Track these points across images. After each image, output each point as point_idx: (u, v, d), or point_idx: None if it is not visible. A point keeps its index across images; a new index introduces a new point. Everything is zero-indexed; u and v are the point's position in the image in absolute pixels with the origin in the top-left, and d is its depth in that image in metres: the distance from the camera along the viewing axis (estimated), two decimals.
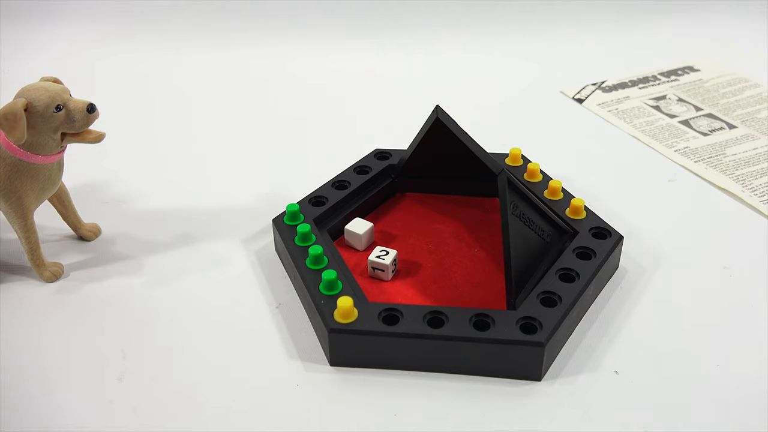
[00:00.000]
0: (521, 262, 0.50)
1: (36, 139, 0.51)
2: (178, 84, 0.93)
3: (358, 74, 0.95)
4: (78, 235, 0.62)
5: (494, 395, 0.46)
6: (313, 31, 1.02)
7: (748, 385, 0.47)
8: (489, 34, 1.02)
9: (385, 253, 0.55)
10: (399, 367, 0.48)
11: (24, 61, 0.98)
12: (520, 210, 0.51)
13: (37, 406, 0.46)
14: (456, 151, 0.57)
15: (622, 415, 0.45)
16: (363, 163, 0.65)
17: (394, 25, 1.02)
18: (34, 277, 0.57)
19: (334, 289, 0.50)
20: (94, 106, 0.52)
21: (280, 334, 0.52)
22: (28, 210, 0.54)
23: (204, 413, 0.45)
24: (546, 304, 0.49)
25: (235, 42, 1.00)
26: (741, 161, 0.72)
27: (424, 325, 0.47)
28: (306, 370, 0.48)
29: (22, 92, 0.51)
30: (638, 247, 0.60)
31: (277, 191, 0.69)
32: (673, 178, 0.71)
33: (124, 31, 1.02)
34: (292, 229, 0.57)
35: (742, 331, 0.51)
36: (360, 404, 0.46)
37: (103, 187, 0.70)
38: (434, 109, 0.56)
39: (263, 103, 0.88)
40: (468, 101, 0.87)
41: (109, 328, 0.52)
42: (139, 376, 0.48)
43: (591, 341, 0.50)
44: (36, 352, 0.50)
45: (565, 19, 1.03)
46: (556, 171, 0.66)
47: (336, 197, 0.61)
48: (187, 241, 0.62)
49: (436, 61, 0.97)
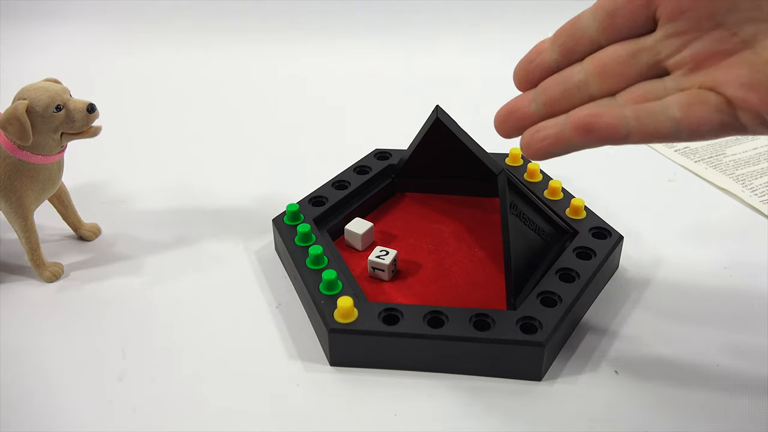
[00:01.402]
0: (521, 262, 0.50)
1: (36, 139, 0.51)
2: (178, 84, 0.93)
3: (358, 74, 0.95)
4: (78, 235, 0.62)
5: (494, 395, 0.46)
6: (313, 31, 1.02)
7: (748, 385, 0.47)
8: (489, 34, 1.02)
9: (385, 253, 0.55)
10: (399, 367, 0.48)
11: (24, 61, 0.98)
12: (520, 210, 0.51)
13: (37, 406, 0.46)
14: (456, 151, 0.57)
15: (622, 414, 0.45)
16: (363, 163, 0.65)
17: (394, 25, 1.02)
18: (34, 277, 0.57)
19: (334, 289, 0.50)
20: (94, 106, 0.52)
21: (280, 334, 0.52)
22: (28, 210, 0.54)
23: (204, 413, 0.45)
24: (546, 304, 0.49)
25: (235, 42, 1.01)
26: (741, 161, 0.72)
27: (424, 325, 0.47)
28: (306, 370, 0.48)
29: (22, 92, 0.51)
30: (638, 247, 0.60)
31: (277, 191, 0.69)
32: (673, 178, 0.71)
33: (124, 31, 1.03)
34: (292, 229, 0.57)
35: (742, 331, 0.51)
36: (360, 404, 0.46)
37: (103, 187, 0.70)
38: (434, 109, 0.56)
39: (263, 103, 0.88)
40: (468, 101, 0.87)
41: (109, 328, 0.52)
42: (139, 376, 0.48)
43: (591, 341, 0.50)
44: (36, 352, 0.50)
45: (565, 19, 1.03)
46: (556, 171, 0.66)
47: (336, 197, 0.61)
48: (187, 241, 0.62)
49: (436, 60, 0.97)
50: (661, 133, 0.35)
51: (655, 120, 0.35)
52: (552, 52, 0.41)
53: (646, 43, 0.38)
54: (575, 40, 0.40)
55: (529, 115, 0.40)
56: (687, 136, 0.35)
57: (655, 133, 0.35)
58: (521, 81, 0.42)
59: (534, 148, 0.39)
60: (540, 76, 0.41)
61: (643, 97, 0.37)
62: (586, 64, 0.39)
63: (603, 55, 0.39)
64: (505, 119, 0.41)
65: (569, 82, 0.39)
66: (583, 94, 0.39)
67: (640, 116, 0.35)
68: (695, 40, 0.36)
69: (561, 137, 0.38)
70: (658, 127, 0.35)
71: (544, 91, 0.40)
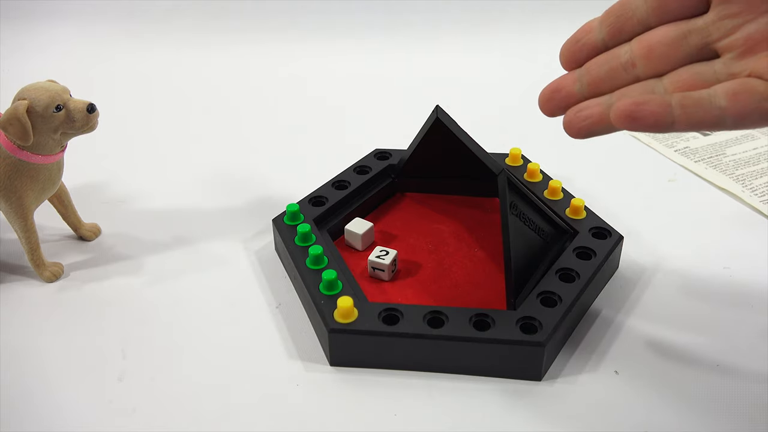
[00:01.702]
0: (521, 262, 0.50)
1: (36, 139, 0.51)
2: (178, 84, 0.93)
3: (358, 74, 0.95)
4: (78, 235, 0.62)
5: (494, 395, 0.46)
6: (313, 31, 1.02)
7: (748, 385, 0.47)
8: (489, 34, 1.02)
9: (385, 253, 0.55)
10: (399, 367, 0.48)
11: (24, 61, 0.98)
12: (520, 210, 0.51)
13: (37, 406, 0.46)
14: (456, 151, 0.57)
15: (622, 414, 0.45)
16: (363, 163, 0.65)
17: (394, 25, 1.02)
18: (34, 277, 0.57)
19: (334, 289, 0.50)
20: (94, 105, 0.52)
21: (280, 334, 0.52)
22: (28, 210, 0.54)
23: (204, 413, 0.45)
24: (546, 304, 0.49)
25: (235, 42, 1.01)
26: (741, 161, 0.72)
27: (424, 325, 0.47)
28: (306, 370, 0.48)
29: (22, 92, 0.51)
30: (638, 247, 0.60)
31: (277, 191, 0.69)
32: (673, 178, 0.71)
33: (124, 31, 1.03)
34: (292, 229, 0.57)
35: (742, 331, 0.51)
36: (360, 404, 0.46)
37: (103, 187, 0.70)
38: (434, 109, 0.56)
39: (263, 103, 0.88)
40: (468, 101, 0.87)
41: (109, 328, 0.52)
42: (139, 376, 0.48)
43: (591, 341, 0.50)
44: (36, 352, 0.50)
45: (565, 18, 1.03)
46: (556, 171, 0.66)
47: (336, 197, 0.61)
48: (187, 241, 0.62)
49: (436, 61, 0.97)
50: (707, 122, 0.35)
51: (701, 109, 0.35)
52: (600, 31, 0.40)
53: (696, 25, 0.37)
54: (624, 20, 0.39)
55: (573, 94, 0.40)
56: (732, 125, 0.35)
57: (700, 121, 0.35)
58: (567, 60, 0.42)
59: (576, 127, 0.39)
60: (586, 56, 0.41)
61: (690, 80, 0.37)
62: (633, 44, 0.39)
63: (651, 37, 0.39)
64: (550, 98, 0.41)
65: (615, 63, 0.39)
66: (629, 75, 0.39)
67: (685, 105, 0.35)
68: (748, 22, 0.36)
69: (603, 118, 0.37)
70: (704, 116, 0.35)
71: (589, 71, 0.40)
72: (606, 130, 0.38)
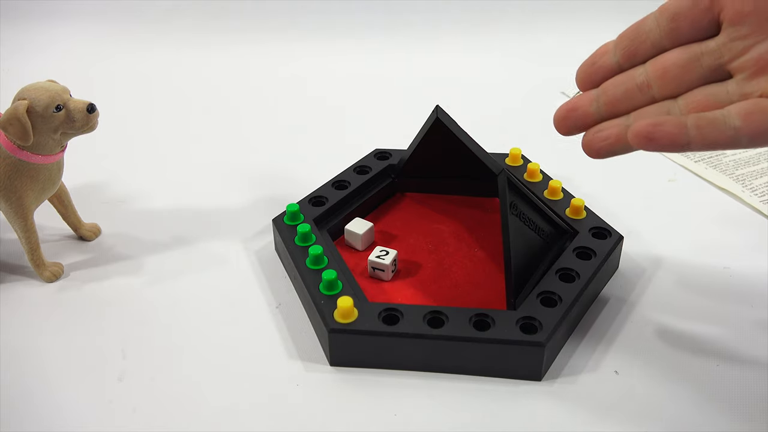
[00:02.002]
0: (521, 262, 0.50)
1: (36, 139, 0.51)
2: (178, 84, 0.93)
3: (358, 74, 0.95)
4: (78, 235, 0.62)
5: (494, 395, 0.46)
6: (313, 31, 1.02)
7: (748, 385, 0.47)
8: (489, 34, 1.02)
9: (385, 253, 0.55)
10: (399, 367, 0.48)
11: (24, 61, 0.98)
12: (520, 210, 0.51)
13: (37, 406, 0.46)
14: (456, 151, 0.57)
15: (622, 415, 0.45)
16: (363, 163, 0.65)
17: (394, 25, 1.02)
18: (34, 277, 0.57)
19: (334, 289, 0.50)
20: (94, 105, 0.52)
21: (280, 334, 0.52)
22: (28, 210, 0.54)
23: (204, 413, 0.45)
24: (546, 304, 0.49)
25: (235, 42, 1.01)
26: (741, 161, 0.72)
27: (424, 325, 0.47)
28: (306, 370, 0.48)
29: (22, 92, 0.51)
30: (638, 247, 0.60)
31: (277, 191, 0.69)
32: (673, 178, 0.71)
33: (124, 31, 1.03)
34: (292, 229, 0.57)
35: (742, 331, 0.51)
36: (360, 404, 0.46)
37: (103, 187, 0.70)
38: (434, 109, 0.56)
39: (263, 103, 0.88)
40: (468, 101, 0.87)
41: (109, 328, 0.52)
42: (139, 376, 0.48)
43: (591, 341, 0.50)
44: (36, 352, 0.50)
45: (565, 18, 1.03)
46: (556, 171, 0.66)
47: (336, 197, 0.61)
48: (187, 241, 0.62)
49: (436, 61, 0.97)
50: (722, 142, 0.36)
51: (715, 129, 0.36)
52: (615, 54, 0.41)
53: (708, 47, 0.38)
54: (638, 43, 0.40)
55: (589, 114, 0.41)
56: (747, 144, 0.36)
57: (715, 141, 0.36)
58: (583, 81, 0.42)
59: (596, 147, 0.40)
60: (602, 78, 0.42)
61: (704, 101, 0.38)
62: (648, 66, 0.40)
63: (665, 59, 0.40)
64: (566, 116, 0.42)
65: (631, 84, 0.40)
66: (645, 95, 0.40)
67: (701, 125, 0.36)
68: (758, 43, 0.36)
69: (621, 138, 0.39)
70: (719, 136, 0.36)
71: (606, 91, 0.41)
72: (623, 150, 0.39)
